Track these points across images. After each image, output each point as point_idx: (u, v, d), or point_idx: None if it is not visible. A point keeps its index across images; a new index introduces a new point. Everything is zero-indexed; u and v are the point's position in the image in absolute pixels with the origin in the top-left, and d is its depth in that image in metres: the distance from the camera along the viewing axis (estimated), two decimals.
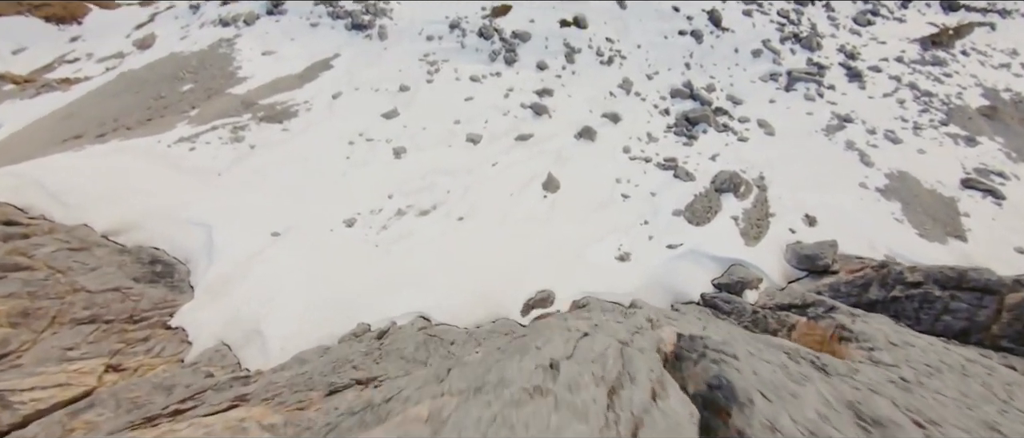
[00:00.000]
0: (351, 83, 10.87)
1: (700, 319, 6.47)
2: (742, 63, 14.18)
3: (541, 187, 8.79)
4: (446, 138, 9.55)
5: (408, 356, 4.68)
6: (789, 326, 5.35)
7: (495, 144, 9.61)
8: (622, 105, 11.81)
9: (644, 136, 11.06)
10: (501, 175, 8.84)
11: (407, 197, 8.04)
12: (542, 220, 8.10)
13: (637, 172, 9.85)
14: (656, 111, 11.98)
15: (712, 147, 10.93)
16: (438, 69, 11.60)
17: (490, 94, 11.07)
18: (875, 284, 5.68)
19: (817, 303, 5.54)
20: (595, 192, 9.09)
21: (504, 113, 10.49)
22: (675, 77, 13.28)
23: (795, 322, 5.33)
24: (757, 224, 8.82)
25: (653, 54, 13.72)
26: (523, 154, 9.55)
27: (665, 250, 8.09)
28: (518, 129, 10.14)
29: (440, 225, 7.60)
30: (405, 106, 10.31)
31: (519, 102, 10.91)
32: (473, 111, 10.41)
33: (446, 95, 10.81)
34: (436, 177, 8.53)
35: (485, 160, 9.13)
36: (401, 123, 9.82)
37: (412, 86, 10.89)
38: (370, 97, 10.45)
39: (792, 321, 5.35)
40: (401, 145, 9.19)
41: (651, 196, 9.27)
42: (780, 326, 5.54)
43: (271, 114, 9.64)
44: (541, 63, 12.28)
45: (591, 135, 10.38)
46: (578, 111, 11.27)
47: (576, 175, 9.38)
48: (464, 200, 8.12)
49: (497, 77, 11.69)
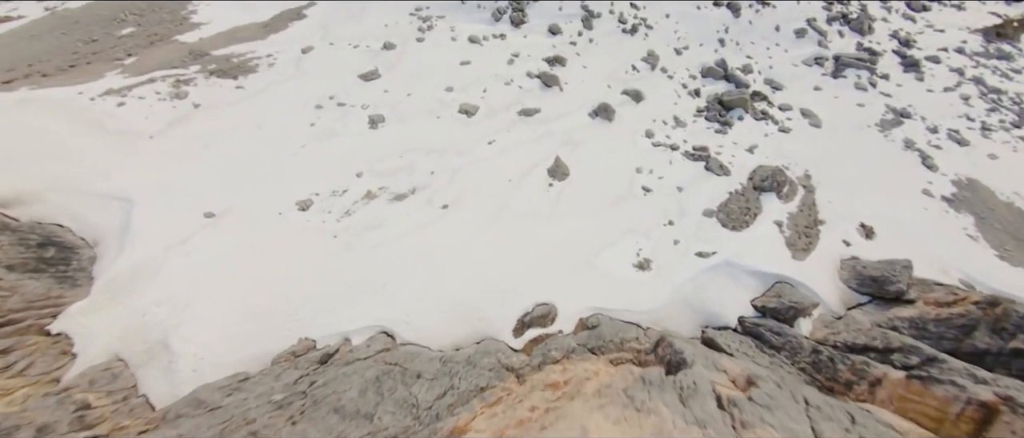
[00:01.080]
0: (326, 37, 9.32)
1: (746, 353, 5.14)
2: (783, 43, 12.60)
3: (547, 173, 7.37)
4: (434, 108, 8.08)
5: (347, 406, 3.35)
6: (871, 380, 4.04)
7: (493, 119, 8.15)
8: (645, 81, 10.29)
9: (670, 119, 9.59)
10: (499, 157, 7.41)
11: (380, 177, 6.61)
12: (545, 215, 6.70)
13: (661, 161, 8.42)
14: (685, 91, 10.47)
15: (749, 137, 9.48)
16: (431, 26, 10.03)
17: (491, 59, 9.54)
18: (984, 328, 4.34)
19: (908, 349, 4.21)
20: (611, 183, 7.67)
21: (506, 82, 8.99)
22: (707, 54, 11.73)
23: (880, 376, 4.01)
24: (805, 233, 7.45)
25: (684, 26, 12.12)
26: (526, 132, 8.09)
27: (694, 259, 6.72)
28: (522, 102, 8.66)
29: (418, 214, 6.20)
30: (388, 67, 8.79)
31: (525, 70, 9.39)
32: (469, 78, 8.90)
33: (438, 57, 9.28)
34: (418, 155, 7.09)
35: (480, 137, 7.68)
36: (382, 87, 8.33)
37: (399, 44, 9.35)
38: (347, 54, 8.92)
39: (876, 374, 4.03)
40: (379, 113, 7.72)
41: (677, 191, 7.87)
42: (856, 377, 4.23)
43: (225, 68, 8.13)
44: (553, 26, 10.71)
45: (609, 114, 8.91)
46: (594, 85, 9.77)
47: (589, 161, 7.95)
48: (451, 185, 6.70)
49: (500, 39, 10.14)
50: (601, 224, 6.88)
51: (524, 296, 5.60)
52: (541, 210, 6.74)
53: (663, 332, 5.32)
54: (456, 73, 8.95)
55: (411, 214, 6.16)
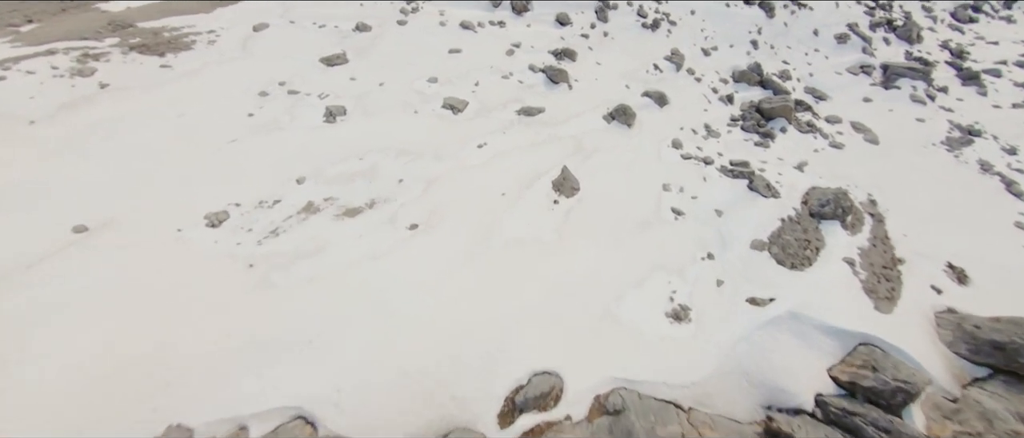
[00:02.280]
0: (287, 14, 7.88)
1: None
2: (823, 49, 11.30)
3: (551, 187, 5.83)
4: (412, 101, 6.58)
5: None
6: None
7: (486, 117, 6.65)
8: (670, 83, 8.88)
9: (701, 128, 8.14)
10: (490, 164, 5.89)
11: (328, 184, 5.06)
12: (549, 242, 5.15)
13: (693, 177, 6.92)
14: (715, 97, 9.07)
15: (796, 152, 8.03)
16: (417, 8, 8.63)
17: (486, 48, 8.12)
18: None
19: None
20: (632, 203, 6.15)
21: (504, 75, 7.54)
22: (738, 57, 10.38)
23: None
24: (884, 275, 5.90)
25: (711, 24, 10.81)
26: (526, 135, 6.60)
27: (746, 308, 5.15)
28: (522, 99, 7.19)
29: (374, 237, 4.62)
30: (360, 52, 7.33)
31: (527, 63, 7.96)
32: (459, 68, 7.45)
33: (422, 43, 7.84)
34: (384, 157, 5.55)
35: (467, 138, 6.17)
36: (348, 74, 6.85)
37: (375, 26, 7.91)
38: (310, 35, 7.47)
39: None
40: (340, 104, 6.21)
41: (716, 215, 6.35)
42: None
43: (150, 43, 6.64)
44: (562, 16, 9.35)
45: (628, 118, 7.44)
46: (610, 84, 8.34)
47: (604, 174, 6.43)
48: (424, 198, 5.15)
49: (499, 27, 8.74)
50: (622, 257, 5.32)
51: (516, 361, 3.99)
52: (543, 236, 5.18)
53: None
54: (443, 62, 7.50)
55: (364, 236, 4.58)
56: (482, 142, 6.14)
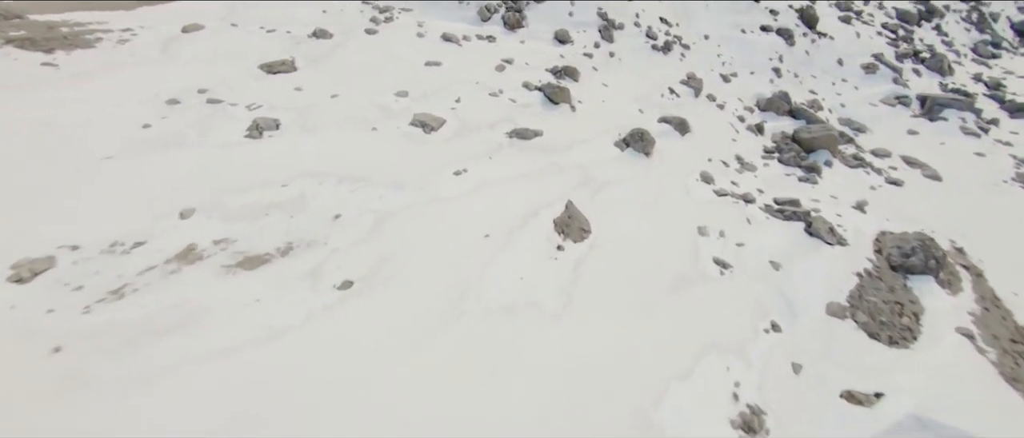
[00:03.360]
0: (231, 17, 6.66)
1: None
2: (851, 79, 10.38)
3: (553, 228, 4.35)
4: (372, 116, 5.21)
5: None
6: None
7: (467, 139, 5.28)
8: (689, 109, 7.70)
9: (732, 160, 6.85)
10: (471, 197, 4.42)
11: (227, 221, 3.52)
12: (551, 309, 3.60)
13: (734, 218, 5.51)
14: (742, 126, 7.88)
15: (850, 189, 6.71)
16: (391, 17, 7.50)
17: (471, 62, 6.91)
18: None
19: None
20: (662, 250, 4.67)
21: (493, 93, 6.27)
22: (761, 84, 9.34)
23: None
24: (1013, 350, 4.38)
25: (728, 50, 9.88)
26: (520, 162, 5.20)
27: (843, 408, 3.57)
28: (514, 120, 5.87)
29: (281, 302, 3.04)
30: (313, 60, 6.05)
31: (520, 80, 6.73)
32: (437, 82, 6.18)
33: (393, 52, 6.62)
34: (319, 184, 4.07)
35: (441, 163, 4.75)
36: (294, 83, 5.51)
37: (338, 34, 6.70)
38: (253, 39, 6.22)
39: None
40: (273, 117, 4.81)
41: (772, 268, 4.87)
42: None
43: (38, 38, 5.29)
44: (561, 34, 8.29)
45: (645, 146, 6.12)
46: (620, 108, 7.11)
47: (621, 213, 5.00)
48: (370, 242, 3.62)
49: (488, 42, 7.60)
50: (657, 330, 3.76)
51: None
52: (543, 298, 3.64)
53: None
54: (417, 75, 6.23)
55: (263, 301, 3.00)
56: (461, 168, 4.72)
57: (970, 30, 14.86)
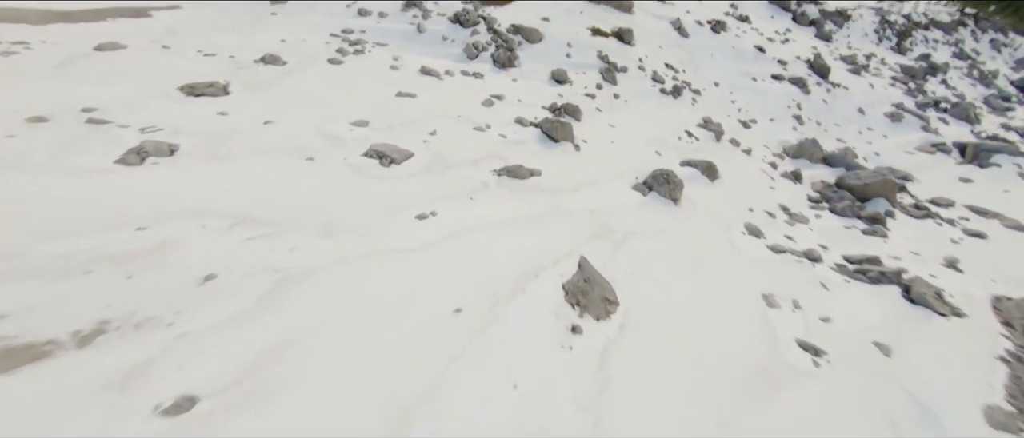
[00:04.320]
0: (164, 39, 5.60)
1: None
2: (877, 127, 9.50)
3: (564, 300, 2.86)
4: (311, 145, 3.91)
5: None
6: None
7: (441, 175, 3.94)
8: (712, 153, 6.56)
9: (777, 210, 5.56)
10: (439, 249, 2.97)
11: (13, 280, 2.01)
12: (571, 422, 2.01)
13: (804, 283, 4.07)
14: (776, 173, 6.71)
15: (928, 243, 5.37)
16: (362, 50, 6.51)
17: (454, 95, 5.82)
18: None
19: None
20: (723, 332, 3.17)
21: (479, 127, 5.07)
22: (783, 131, 8.37)
23: None
24: None
25: (742, 97, 9.04)
26: (512, 205, 3.83)
27: None
28: (505, 157, 4.60)
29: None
30: (254, 85, 4.88)
31: (513, 116, 5.59)
32: (408, 114, 4.99)
33: (358, 82, 5.51)
34: (195, 227, 2.62)
35: (401, 202, 3.36)
36: (219, 107, 4.27)
37: (293, 62, 5.63)
38: (183, 61, 5.08)
39: None
40: (172, 142, 3.48)
41: (881, 354, 3.36)
42: None
43: None
44: (559, 74, 7.36)
45: (672, 190, 4.83)
46: (633, 149, 5.93)
47: (656, 275, 3.55)
48: (249, 323, 2.09)
49: (475, 78, 6.59)
50: None
51: None
52: (554, 425, 2.06)
53: None
54: (385, 106, 5.06)
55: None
56: (427, 210, 3.32)
57: (975, 85, 14.56)
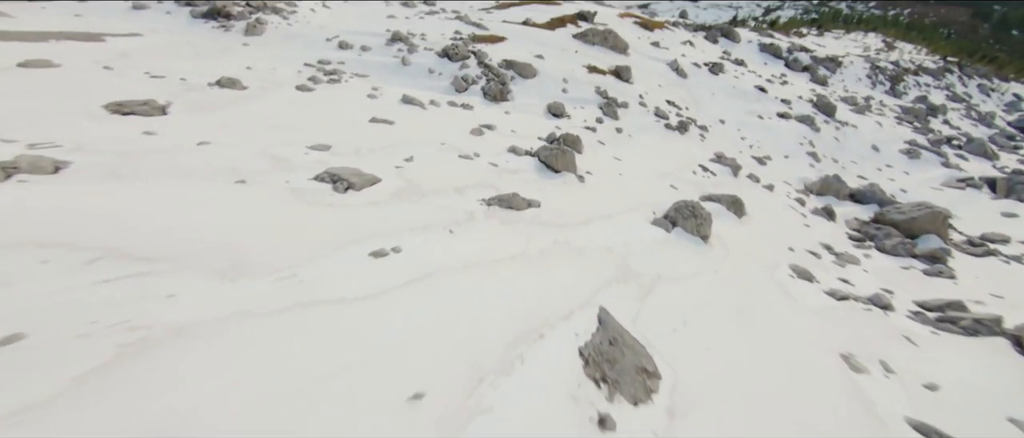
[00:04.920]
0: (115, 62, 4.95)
1: None
2: (896, 164, 8.94)
3: (584, 372, 1.92)
4: (249, 166, 3.08)
5: None
6: None
7: (414, 203, 3.10)
8: (731, 188, 5.82)
9: (820, 249, 4.73)
10: (396, 299, 2.06)
11: None
12: None
13: (884, 336, 3.15)
14: (806, 209, 5.97)
15: (1007, 285, 4.51)
16: (337, 79, 5.91)
17: (437, 123, 5.13)
18: None
19: None
20: (805, 410, 2.23)
21: (466, 156, 4.32)
22: (800, 167, 7.75)
23: None
24: None
25: (751, 134, 8.52)
26: (506, 239, 2.97)
27: None
28: (496, 186, 3.81)
29: None
30: (200, 106, 4.16)
31: (505, 145, 4.88)
32: (381, 139, 4.25)
33: (326, 108, 4.81)
34: (34, 263, 1.71)
35: (350, 235, 2.48)
36: (147, 126, 3.49)
37: (254, 87, 4.96)
38: (120, 81, 4.38)
39: None
40: (63, 158, 2.64)
41: (1020, 434, 2.37)
42: None
43: None
44: (556, 107, 6.78)
45: (698, 225, 4.01)
46: (645, 182, 5.19)
47: (701, 332, 2.65)
48: (63, 411, 1.13)
49: (463, 109, 5.97)
50: None
51: None
52: None
53: None
54: (354, 131, 4.33)
55: None
56: (389, 245, 2.46)
57: (977, 125, 14.38)
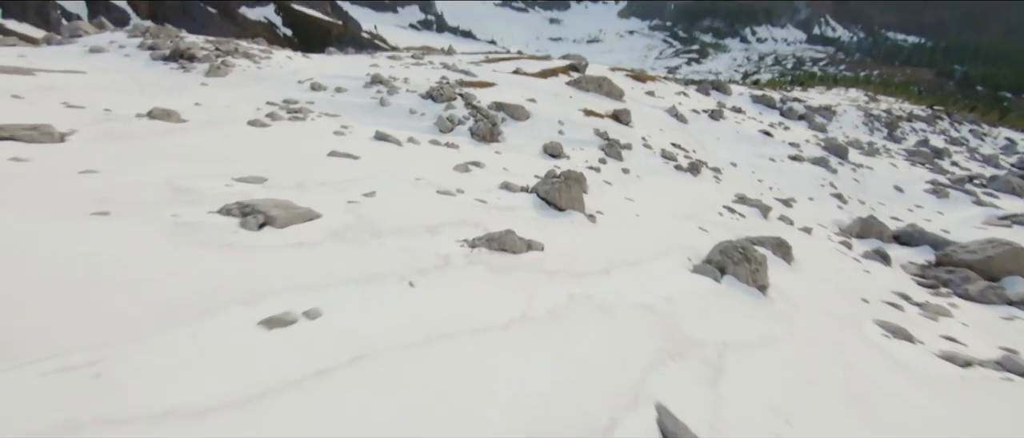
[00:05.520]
0: (23, 92, 4.15)
1: None
2: (927, 203, 8.21)
3: None
4: (136, 196, 2.14)
5: None
6: None
7: (363, 246, 2.14)
8: (766, 231, 4.94)
9: (894, 298, 3.76)
10: (293, 405, 1.04)
11: None
12: None
13: None
14: (858, 253, 5.07)
15: None
16: (301, 117, 5.15)
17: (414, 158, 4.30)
18: None
19: None
20: None
21: (446, 192, 3.42)
22: (828, 209, 6.96)
23: None
24: None
25: (768, 176, 7.82)
26: (500, 294, 1.98)
27: None
28: (484, 224, 2.87)
29: None
30: (110, 136, 3.29)
31: (496, 181, 4.02)
32: (339, 173, 3.36)
33: (275, 142, 3.98)
34: None
35: (240, 288, 1.49)
36: (18, 153, 2.58)
37: (195, 120, 4.16)
38: (22, 110, 3.53)
39: None
40: None
41: None
42: None
43: None
44: (552, 147, 6.03)
45: (753, 272, 3.06)
46: (670, 226, 4.28)
47: (810, 435, 1.62)
48: None
49: (448, 148, 5.18)
50: None
51: None
52: None
53: None
54: (305, 163, 3.46)
55: None
56: (300, 308, 1.47)
57: (984, 166, 13.99)
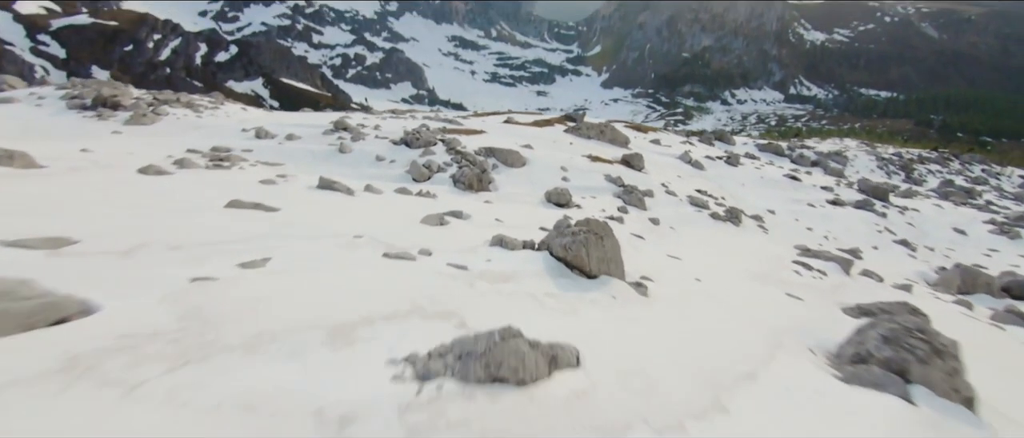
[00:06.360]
0: None
1: None
2: (999, 246, 7.07)
3: None
4: None
5: None
6: None
7: (139, 412, 0.76)
8: (864, 294, 3.59)
9: None
10: None
11: None
12: None
13: None
14: (986, 318, 3.68)
15: None
16: (226, 165, 3.90)
17: (368, 210, 3.01)
18: None
19: None
20: None
21: (403, 255, 2.09)
22: (898, 259, 5.81)
23: None
24: None
25: (817, 224, 6.62)
26: None
27: None
28: (461, 313, 1.52)
29: None
30: None
31: (486, 237, 2.72)
32: (222, 231, 2.04)
33: (157, 193, 2.69)
34: None
35: None
36: None
37: (57, 166, 2.88)
38: None
39: None
40: None
41: None
42: None
43: None
44: (557, 195, 4.78)
45: (946, 373, 1.71)
46: (749, 294, 2.95)
47: None
48: None
49: (419, 198, 3.92)
50: None
51: None
52: None
53: None
54: (172, 217, 2.14)
55: None
56: None
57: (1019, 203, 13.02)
